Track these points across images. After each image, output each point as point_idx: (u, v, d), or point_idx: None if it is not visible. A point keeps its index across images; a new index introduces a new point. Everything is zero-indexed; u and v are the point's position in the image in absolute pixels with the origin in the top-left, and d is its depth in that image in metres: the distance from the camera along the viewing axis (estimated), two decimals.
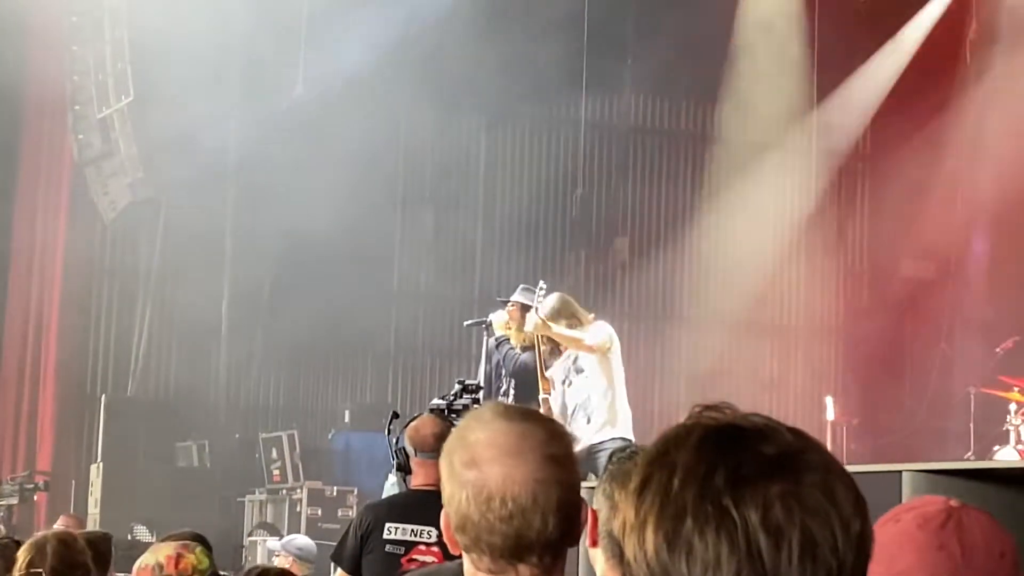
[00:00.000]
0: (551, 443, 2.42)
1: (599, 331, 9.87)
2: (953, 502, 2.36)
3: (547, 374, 9.93)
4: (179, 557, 4.81)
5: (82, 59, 14.77)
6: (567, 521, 2.38)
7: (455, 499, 2.41)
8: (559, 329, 9.79)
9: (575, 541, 2.41)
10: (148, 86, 14.22)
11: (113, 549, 6.05)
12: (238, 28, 14.29)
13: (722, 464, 1.51)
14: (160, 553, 4.78)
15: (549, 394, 9.87)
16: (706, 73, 16.38)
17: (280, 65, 14.70)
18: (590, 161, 16.89)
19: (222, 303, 15.47)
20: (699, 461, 1.52)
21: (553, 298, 10.00)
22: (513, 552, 2.38)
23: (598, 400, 9.82)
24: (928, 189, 15.89)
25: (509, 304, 10.62)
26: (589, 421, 9.71)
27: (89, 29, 14.72)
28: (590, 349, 9.76)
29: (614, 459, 3.02)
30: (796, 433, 1.56)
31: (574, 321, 9.95)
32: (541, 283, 10.29)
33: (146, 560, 4.78)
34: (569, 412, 9.84)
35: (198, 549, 4.85)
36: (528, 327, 9.90)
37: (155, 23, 14.27)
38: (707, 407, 1.61)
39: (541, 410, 9.79)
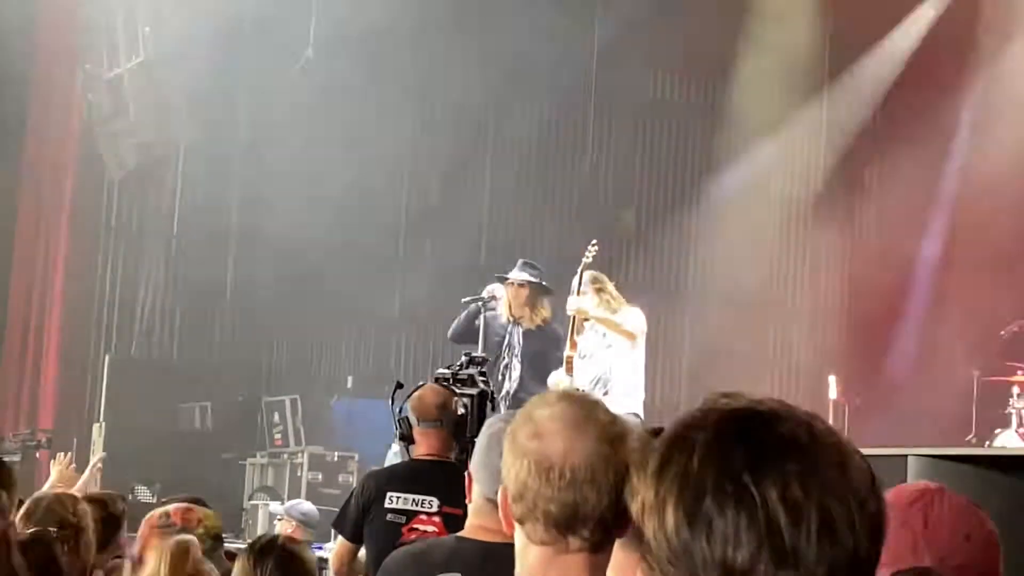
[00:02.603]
0: (612, 425, 2.54)
1: (637, 318, 10.09)
2: (933, 485, 2.38)
3: (576, 337, 10.07)
4: (187, 510, 4.90)
5: (93, 19, 14.74)
6: (621, 501, 2.42)
7: (515, 469, 2.50)
8: (600, 313, 9.97)
9: (626, 524, 2.44)
10: (159, 47, 14.19)
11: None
12: None
13: (740, 443, 1.54)
14: (169, 506, 4.88)
15: (575, 352, 10.02)
16: (718, 48, 16.34)
17: (290, 28, 14.67)
18: (599, 133, 16.87)
19: (227, 265, 15.47)
20: (717, 441, 1.55)
21: (592, 273, 10.23)
22: (568, 523, 2.46)
23: (619, 375, 9.97)
24: (937, 169, 15.86)
25: (518, 284, 10.67)
26: (607, 393, 9.81)
27: None
28: (629, 335, 9.99)
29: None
30: (811, 416, 1.59)
31: (609, 296, 10.16)
32: (594, 241, 10.44)
33: (155, 511, 4.87)
34: (590, 382, 9.96)
35: (206, 510, 4.93)
36: (569, 309, 10.07)
37: None
38: (722, 394, 1.64)
39: (563, 369, 9.99)
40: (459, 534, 3.43)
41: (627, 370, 10.12)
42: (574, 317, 10.23)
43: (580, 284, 10.31)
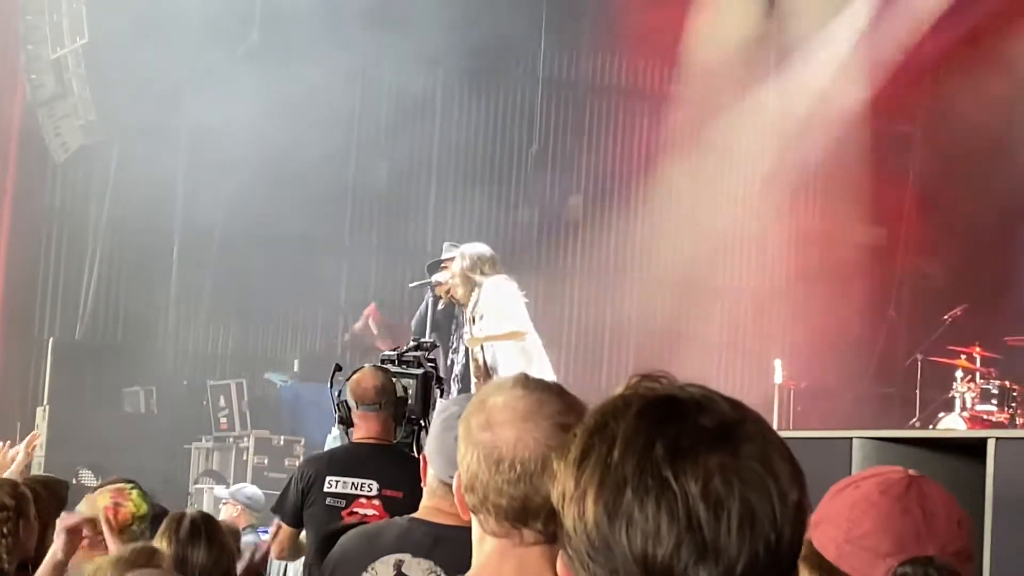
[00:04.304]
0: (566, 413, 2.45)
1: (515, 313, 9.99)
2: (912, 472, 2.38)
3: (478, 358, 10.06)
4: (116, 507, 4.74)
5: None
6: None
7: (467, 459, 2.45)
8: (495, 336, 9.97)
9: None
10: (103, 28, 14.07)
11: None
12: None
13: (661, 436, 1.52)
14: (97, 506, 4.70)
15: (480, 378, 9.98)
16: (664, 32, 16.36)
17: (236, 10, 14.58)
18: (546, 118, 16.86)
19: (173, 249, 15.38)
20: (638, 432, 1.53)
21: (468, 256, 10.22)
22: (519, 515, 2.40)
23: (508, 349, 9.93)
24: (882, 155, 15.95)
25: (442, 264, 10.71)
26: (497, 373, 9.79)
27: None
28: (516, 335, 9.95)
29: None
30: (733, 404, 1.57)
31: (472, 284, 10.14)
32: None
33: (84, 511, 4.71)
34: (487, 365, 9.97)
35: (134, 493, 4.78)
36: (467, 342, 10.08)
37: None
38: (644, 376, 1.61)
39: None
40: (412, 515, 3.42)
41: (512, 344, 10.07)
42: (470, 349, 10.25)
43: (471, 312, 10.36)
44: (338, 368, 7.01)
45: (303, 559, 6.80)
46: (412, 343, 7.77)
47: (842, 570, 2.30)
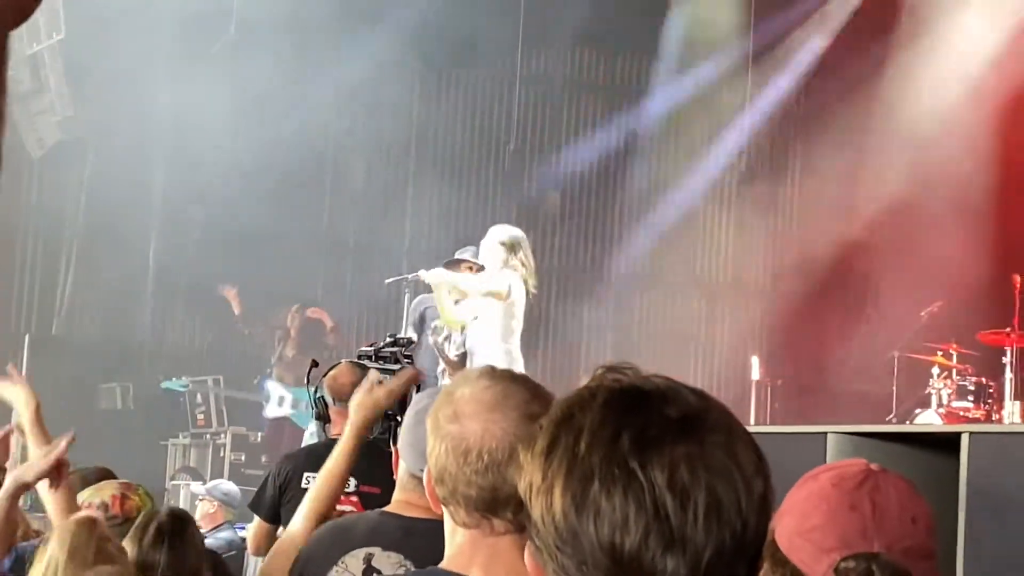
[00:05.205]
0: (533, 403, 2.47)
1: (498, 280, 9.90)
2: (873, 466, 2.38)
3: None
4: (123, 498, 4.75)
5: None
6: None
7: (436, 451, 2.47)
8: (452, 281, 9.90)
9: None
10: (79, 24, 14.03)
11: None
12: None
13: (627, 426, 1.53)
14: (104, 493, 4.70)
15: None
16: (642, 28, 16.38)
17: (212, 6, 14.55)
18: (523, 115, 16.85)
19: (150, 244, 15.34)
20: (604, 424, 1.54)
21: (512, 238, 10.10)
22: (488, 506, 2.42)
23: (494, 347, 9.87)
24: (860, 151, 15.98)
25: (465, 265, 10.63)
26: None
27: None
28: (487, 295, 9.85)
29: None
30: (698, 394, 1.59)
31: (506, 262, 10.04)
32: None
33: (90, 498, 4.70)
34: (467, 357, 9.95)
35: (141, 490, 4.79)
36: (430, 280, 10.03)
37: None
38: (609, 368, 1.62)
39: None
40: (383, 509, 3.44)
41: (500, 340, 9.97)
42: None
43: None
44: (314, 364, 7.00)
45: None
46: (389, 339, 7.75)
47: (792, 562, 2.31)
